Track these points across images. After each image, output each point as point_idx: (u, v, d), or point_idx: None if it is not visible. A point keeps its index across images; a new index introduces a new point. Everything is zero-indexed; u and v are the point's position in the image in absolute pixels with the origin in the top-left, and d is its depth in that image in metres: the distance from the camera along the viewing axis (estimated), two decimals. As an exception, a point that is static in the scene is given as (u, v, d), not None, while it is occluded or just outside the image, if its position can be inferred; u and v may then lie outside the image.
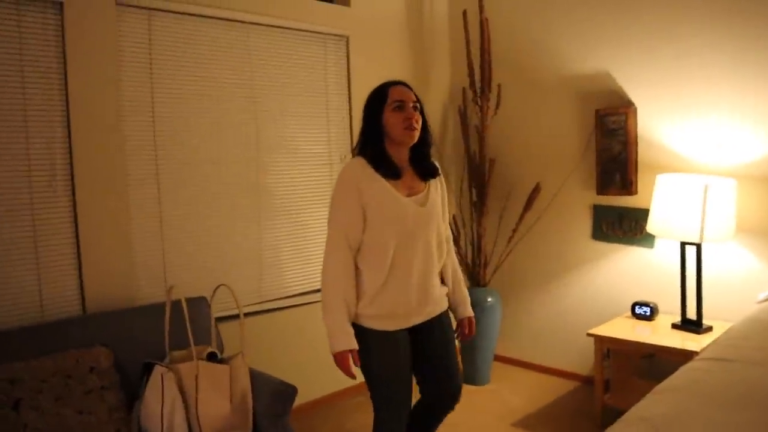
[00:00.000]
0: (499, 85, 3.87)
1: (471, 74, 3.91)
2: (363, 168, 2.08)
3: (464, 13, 3.92)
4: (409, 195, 2.11)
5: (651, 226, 3.19)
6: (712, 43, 3.14)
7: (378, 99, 2.12)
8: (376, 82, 2.18)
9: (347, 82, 3.69)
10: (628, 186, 3.49)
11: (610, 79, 3.54)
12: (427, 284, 2.16)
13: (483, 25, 3.82)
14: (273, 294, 3.40)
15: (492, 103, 3.88)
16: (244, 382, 2.40)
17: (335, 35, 3.63)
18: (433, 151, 2.27)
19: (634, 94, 3.47)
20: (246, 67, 3.24)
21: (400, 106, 2.07)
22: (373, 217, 2.06)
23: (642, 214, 3.41)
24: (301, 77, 3.48)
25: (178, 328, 2.39)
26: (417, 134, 2.09)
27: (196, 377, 2.28)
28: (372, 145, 2.10)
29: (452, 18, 4.23)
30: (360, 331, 2.11)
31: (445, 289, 2.29)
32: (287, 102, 3.42)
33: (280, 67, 3.38)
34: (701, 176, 3.09)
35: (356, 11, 3.73)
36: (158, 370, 2.24)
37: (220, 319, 2.90)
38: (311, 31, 3.50)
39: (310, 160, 3.54)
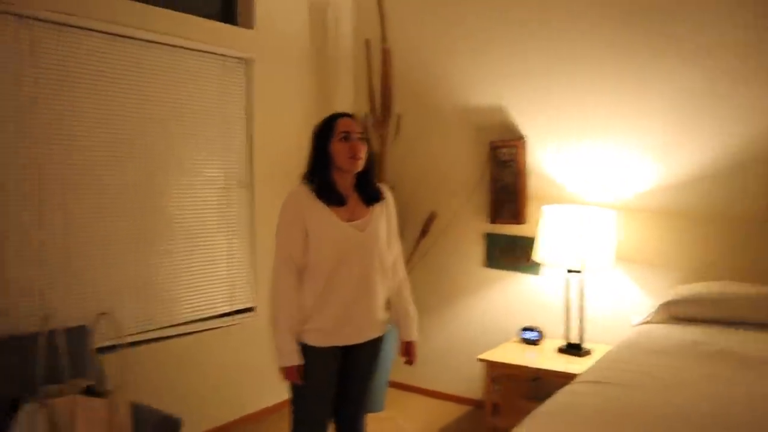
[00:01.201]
0: (398, 114, 3.96)
1: (372, 101, 3.98)
2: (306, 195, 2.21)
3: (367, 42, 3.99)
4: (349, 220, 2.22)
5: (537, 255, 3.35)
6: (602, 79, 3.38)
7: (326, 129, 2.24)
8: (279, 106, 2.22)
9: (248, 106, 3.62)
10: (517, 216, 3.65)
11: (504, 112, 3.72)
12: (362, 307, 2.24)
13: (385, 54, 3.91)
14: (165, 321, 3.26)
15: (391, 130, 3.96)
16: (124, 417, 2.29)
17: (237, 57, 3.58)
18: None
19: (525, 128, 3.66)
20: (138, 86, 3.11)
21: (347, 137, 2.20)
22: (312, 241, 2.18)
23: (530, 243, 3.55)
24: (200, 99, 3.40)
25: (56, 360, 2.24)
26: (361, 163, 2.22)
27: (72, 413, 2.15)
28: (319, 174, 2.23)
29: (356, 45, 4.29)
30: None
31: (387, 314, 2.37)
32: (183, 124, 3.32)
33: (176, 87, 3.28)
34: (583, 207, 3.29)
35: (260, 34, 3.71)
36: (26, 407, 2.09)
37: (104, 349, 2.74)
38: (212, 53, 3.44)
39: (207, 184, 3.45)
